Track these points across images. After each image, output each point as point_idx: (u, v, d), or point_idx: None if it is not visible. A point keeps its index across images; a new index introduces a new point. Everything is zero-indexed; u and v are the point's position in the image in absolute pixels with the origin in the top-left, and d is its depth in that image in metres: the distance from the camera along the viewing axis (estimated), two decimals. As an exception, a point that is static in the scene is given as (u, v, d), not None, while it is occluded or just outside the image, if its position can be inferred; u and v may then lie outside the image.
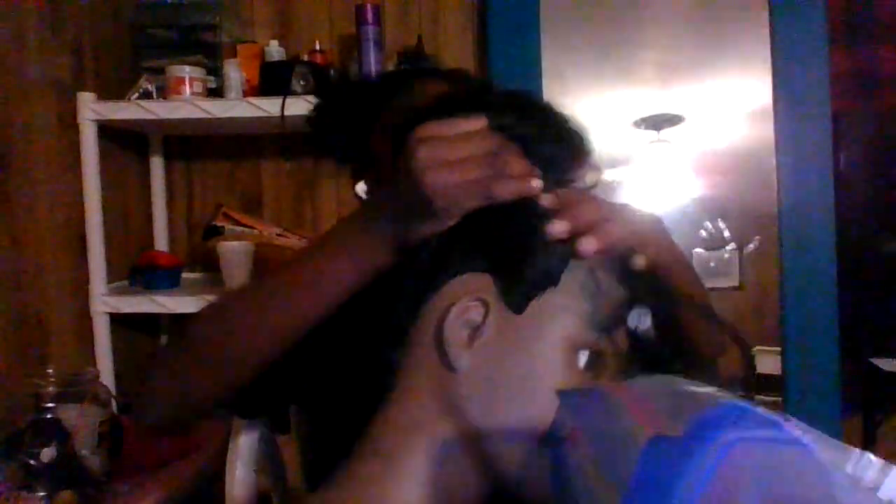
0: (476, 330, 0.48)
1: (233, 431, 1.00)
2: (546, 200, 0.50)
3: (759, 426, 0.30)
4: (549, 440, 0.41)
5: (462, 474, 0.49)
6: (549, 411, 0.43)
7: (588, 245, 0.48)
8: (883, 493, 0.30)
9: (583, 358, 0.49)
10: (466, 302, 0.49)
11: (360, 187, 0.91)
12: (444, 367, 0.49)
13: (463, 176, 0.49)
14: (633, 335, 0.51)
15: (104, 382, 1.37)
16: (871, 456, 0.31)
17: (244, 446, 0.99)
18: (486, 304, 0.49)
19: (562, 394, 0.40)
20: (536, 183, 0.49)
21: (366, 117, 0.90)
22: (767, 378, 1.63)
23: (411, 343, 0.51)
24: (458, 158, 0.49)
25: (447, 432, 0.49)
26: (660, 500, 0.29)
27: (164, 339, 1.85)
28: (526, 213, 0.50)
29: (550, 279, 0.49)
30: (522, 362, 0.48)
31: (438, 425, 0.49)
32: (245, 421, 1.00)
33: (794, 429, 0.30)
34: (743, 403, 0.31)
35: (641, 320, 0.50)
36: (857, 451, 0.31)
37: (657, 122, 1.69)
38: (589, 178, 0.58)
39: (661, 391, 0.37)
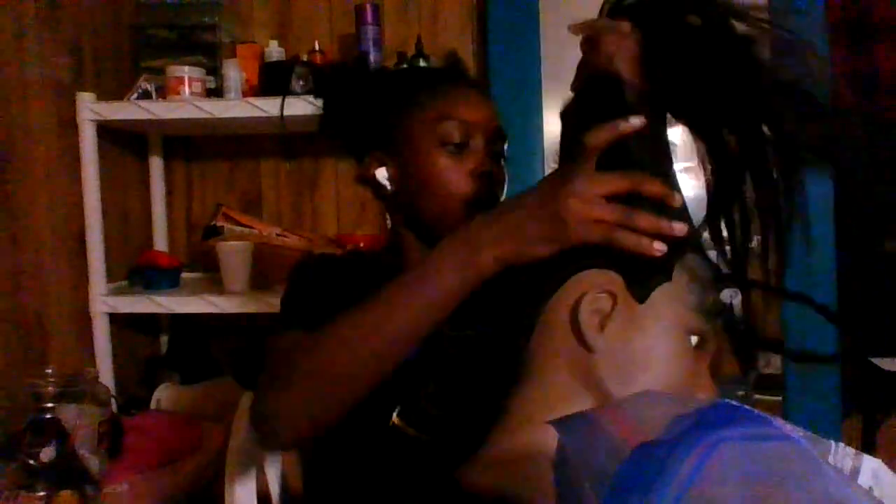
0: (606, 317, 0.56)
1: (233, 431, 1.00)
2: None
3: (748, 424, 0.30)
4: (554, 465, 0.42)
5: None
6: (669, 387, 0.55)
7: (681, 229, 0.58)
8: (861, 481, 0.30)
9: (692, 340, 0.58)
10: (595, 293, 0.57)
11: (381, 173, 0.91)
12: (582, 349, 0.56)
13: (604, 235, 0.57)
14: (726, 311, 0.59)
15: (104, 382, 1.37)
16: (844, 446, 0.32)
17: (244, 446, 0.99)
18: (613, 296, 0.56)
19: (555, 422, 0.41)
20: (659, 247, 0.57)
21: (397, 103, 0.91)
22: (767, 378, 1.63)
23: (541, 331, 0.59)
24: (602, 217, 0.57)
25: (589, 406, 0.56)
26: (641, 499, 0.29)
27: (163, 339, 1.86)
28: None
29: (666, 273, 0.57)
30: (646, 344, 0.56)
31: (581, 399, 0.56)
32: (245, 420, 1.00)
33: (784, 425, 0.30)
34: (733, 403, 0.31)
35: (733, 296, 0.59)
36: (833, 442, 0.31)
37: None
38: None
39: (651, 406, 0.38)
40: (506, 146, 0.92)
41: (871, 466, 0.32)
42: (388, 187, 0.91)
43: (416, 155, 0.88)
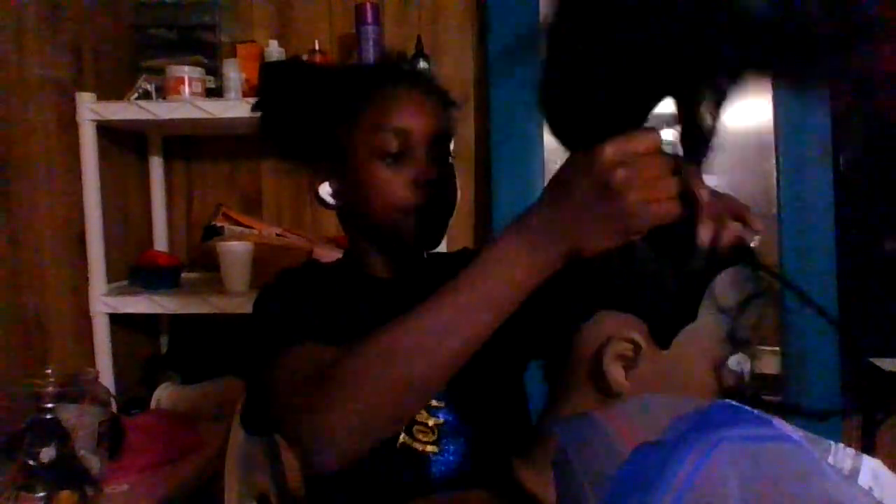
0: (630, 363, 0.54)
1: (232, 431, 1.00)
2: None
3: (748, 425, 0.30)
4: (554, 465, 0.42)
5: None
6: None
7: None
8: (861, 481, 0.30)
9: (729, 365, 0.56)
10: (618, 340, 0.54)
11: (325, 189, 0.88)
12: (606, 395, 0.55)
13: (659, 195, 0.52)
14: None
15: (104, 382, 1.37)
16: (844, 446, 0.32)
17: (243, 446, 0.99)
18: (636, 344, 0.54)
19: (556, 424, 0.41)
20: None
21: (333, 112, 0.87)
22: (767, 378, 1.63)
23: (567, 370, 0.58)
24: (652, 178, 0.52)
25: None
26: (641, 500, 0.29)
27: (163, 339, 1.85)
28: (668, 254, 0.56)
29: (691, 313, 0.54)
30: (675, 385, 0.54)
31: None
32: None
33: (784, 426, 0.30)
34: (733, 403, 0.31)
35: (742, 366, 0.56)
36: (832, 442, 0.31)
37: (657, 123, 1.69)
38: None
39: (651, 407, 0.38)
40: (451, 146, 0.89)
41: (870, 466, 0.32)
42: (333, 203, 0.89)
43: (355, 169, 0.85)
